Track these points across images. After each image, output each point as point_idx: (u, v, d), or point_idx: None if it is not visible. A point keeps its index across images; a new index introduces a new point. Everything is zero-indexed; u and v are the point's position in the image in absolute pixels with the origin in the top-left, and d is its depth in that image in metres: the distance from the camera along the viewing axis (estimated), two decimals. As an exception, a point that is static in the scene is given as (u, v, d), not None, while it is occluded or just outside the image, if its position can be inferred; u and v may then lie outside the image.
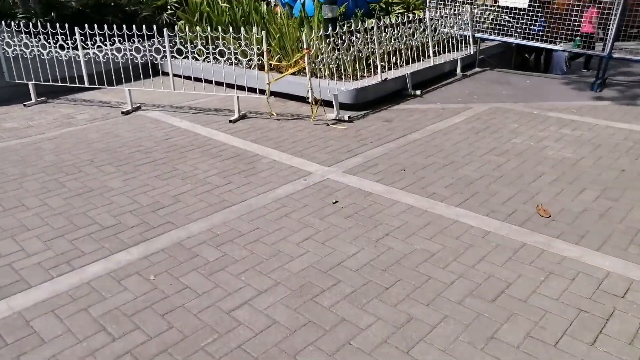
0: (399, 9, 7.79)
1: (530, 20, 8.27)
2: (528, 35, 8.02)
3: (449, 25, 7.58)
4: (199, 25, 8.21)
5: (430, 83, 7.46)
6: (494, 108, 6.24)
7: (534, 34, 8.02)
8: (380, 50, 6.39)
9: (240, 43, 5.97)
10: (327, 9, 6.82)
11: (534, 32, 8.10)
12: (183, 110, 6.49)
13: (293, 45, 7.10)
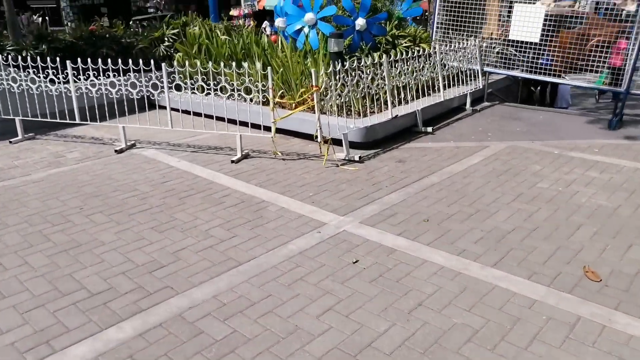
0: (405, 42, 7.53)
1: (536, 53, 8.05)
2: (535, 69, 7.78)
3: (458, 59, 7.31)
4: (198, 58, 7.89)
5: (440, 118, 7.14)
6: (511, 147, 5.90)
7: (541, 67, 7.79)
8: (390, 86, 6.07)
9: (243, 79, 5.61)
10: (333, 43, 6.52)
11: (541, 65, 7.87)
12: (181, 148, 6.08)
13: (297, 80, 6.78)
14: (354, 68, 5.58)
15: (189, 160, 5.60)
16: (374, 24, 7.35)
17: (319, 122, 5.31)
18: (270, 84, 5.44)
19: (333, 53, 6.56)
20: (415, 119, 6.55)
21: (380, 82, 5.98)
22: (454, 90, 7.32)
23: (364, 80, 5.70)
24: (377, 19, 7.38)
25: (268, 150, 5.91)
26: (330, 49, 6.55)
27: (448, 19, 8.27)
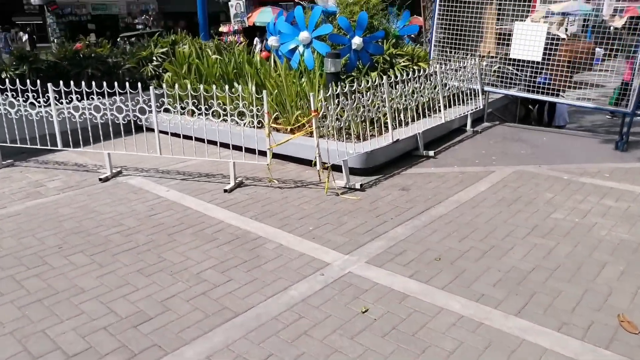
0: (403, 61, 7.28)
1: (534, 71, 7.86)
2: (533, 87, 7.58)
3: (458, 78, 7.07)
4: (187, 79, 7.58)
5: (441, 141, 6.87)
6: (518, 172, 5.63)
7: (539, 85, 7.59)
8: (391, 108, 5.79)
9: (236, 103, 5.30)
10: (330, 63, 6.25)
11: (539, 84, 7.68)
12: (170, 175, 5.73)
13: (292, 102, 6.48)
14: (353, 91, 5.29)
15: (179, 190, 5.24)
16: (371, 42, 7.10)
17: (318, 149, 4.99)
18: (265, 108, 5.13)
19: (330, 73, 6.28)
20: (416, 142, 6.27)
21: (380, 105, 5.70)
22: (453, 111, 7.07)
23: (364, 104, 5.41)
24: (374, 38, 7.13)
25: (263, 177, 5.58)
26: (327, 69, 6.27)
27: (445, 37, 8.06)
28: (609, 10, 14.33)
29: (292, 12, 7.65)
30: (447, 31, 7.97)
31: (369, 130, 5.89)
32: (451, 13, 7.77)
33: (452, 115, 6.95)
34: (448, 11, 7.82)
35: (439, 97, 6.64)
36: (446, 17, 7.85)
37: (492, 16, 8.49)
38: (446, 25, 7.90)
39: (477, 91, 7.52)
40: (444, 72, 6.70)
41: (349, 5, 7.37)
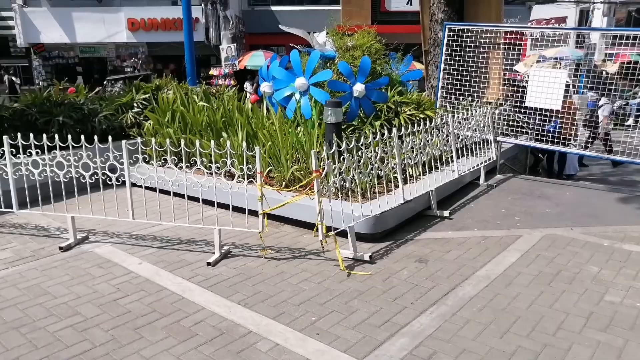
0: (409, 109, 6.65)
1: (543, 119, 7.28)
2: (542, 136, 6.98)
3: (471, 128, 6.43)
4: (171, 127, 6.86)
5: (454, 197, 6.15)
6: (549, 237, 4.89)
7: (548, 133, 6.99)
8: (402, 164, 5.07)
9: (225, 160, 4.57)
10: (330, 113, 5.56)
11: (548, 131, 7.08)
12: (145, 241, 4.90)
13: (287, 154, 5.75)
14: (359, 146, 4.57)
15: (154, 262, 4.40)
16: (374, 89, 6.47)
17: (321, 216, 4.20)
18: (257, 167, 4.38)
19: (330, 124, 5.59)
20: (428, 200, 5.53)
21: (389, 160, 4.99)
22: (465, 163, 6.37)
23: (373, 161, 4.69)
24: (377, 85, 6.51)
25: (254, 244, 4.76)
26: (327, 119, 5.58)
27: (451, 83, 7.49)
28: (601, 55, 13.88)
29: (286, 57, 7.06)
30: (453, 77, 7.41)
31: (376, 186, 5.15)
32: (458, 58, 7.23)
33: (465, 167, 6.26)
34: (455, 56, 7.29)
35: (452, 148, 5.95)
36: (452, 62, 7.30)
37: (497, 61, 7.99)
38: (452, 71, 7.34)
39: (488, 141, 6.87)
40: (456, 121, 6.04)
41: (349, 50, 6.79)
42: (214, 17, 21.70)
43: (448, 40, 7.17)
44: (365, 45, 6.81)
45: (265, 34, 24.29)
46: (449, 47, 7.21)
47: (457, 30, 7.16)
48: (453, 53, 7.25)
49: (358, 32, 7.06)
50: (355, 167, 4.50)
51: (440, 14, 8.20)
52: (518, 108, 7.37)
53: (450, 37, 7.18)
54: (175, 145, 6.88)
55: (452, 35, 7.18)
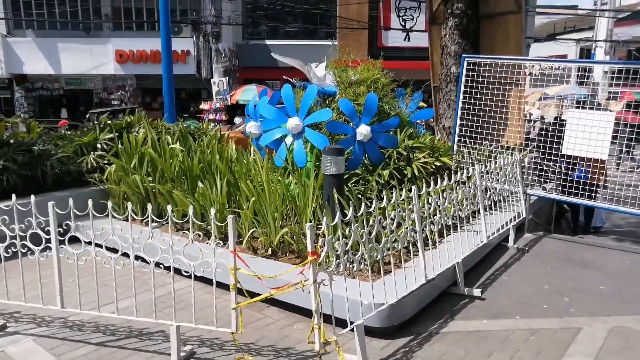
0: (423, 156, 5.56)
1: (569, 165, 6.24)
2: (569, 185, 5.92)
3: (500, 180, 5.33)
4: (137, 174, 5.71)
5: (480, 265, 5.00)
6: (617, 331, 3.72)
7: (574, 180, 5.93)
8: (423, 232, 3.92)
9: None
10: (330, 162, 4.45)
11: (573, 178, 6.03)
12: (82, 333, 3.67)
13: (276, 212, 4.61)
14: (370, 212, 3.43)
15: (86, 371, 3.17)
16: (382, 132, 5.40)
17: (316, 316, 3.00)
18: (231, 242, 3.22)
19: (330, 176, 4.47)
20: (453, 274, 4.36)
21: (406, 225, 3.84)
22: (489, 220, 5.24)
23: (388, 230, 3.54)
24: (386, 126, 5.45)
25: (228, 340, 3.54)
26: (327, 169, 4.46)
27: (467, 124, 6.46)
28: (604, 94, 12.64)
29: (278, 92, 6.01)
30: (471, 117, 6.38)
31: (392, 258, 3.98)
32: (475, 95, 6.21)
33: (492, 227, 5.12)
34: (471, 93, 6.27)
35: (479, 207, 4.83)
36: (469, 101, 6.28)
37: (519, 99, 6.99)
38: (469, 110, 6.31)
39: (517, 194, 5.77)
40: (483, 173, 4.94)
41: (352, 85, 5.75)
42: (205, 50, 20.93)
43: (466, 75, 6.16)
44: (371, 79, 5.78)
45: (260, 68, 23.56)
46: (467, 84, 6.20)
47: (476, 63, 6.16)
48: (470, 90, 6.23)
49: (362, 64, 6.04)
50: (366, 242, 3.34)
51: (454, 46, 7.24)
52: (543, 154, 6.34)
53: (469, 72, 6.18)
54: (142, 196, 5.75)
55: (469, 70, 6.18)
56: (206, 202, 5.03)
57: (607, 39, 22.41)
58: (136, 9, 21.38)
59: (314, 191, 4.69)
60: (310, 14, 24.39)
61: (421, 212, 3.91)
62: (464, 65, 6.16)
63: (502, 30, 7.36)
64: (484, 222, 4.80)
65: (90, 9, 21.15)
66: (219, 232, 4.96)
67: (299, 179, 4.81)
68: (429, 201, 4.00)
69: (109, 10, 21.31)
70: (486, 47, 7.48)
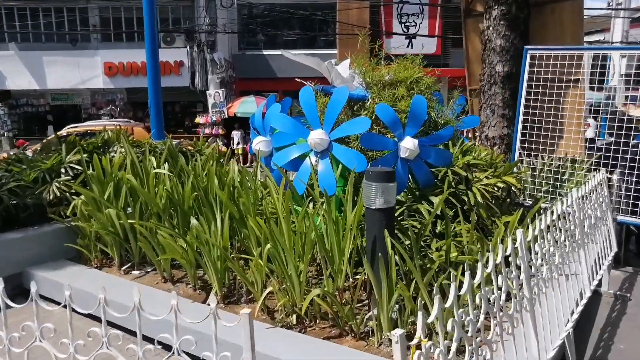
0: (485, 176, 4.25)
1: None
2: None
3: (592, 206, 4.02)
4: (113, 207, 4.39)
5: (577, 325, 3.67)
6: None
7: None
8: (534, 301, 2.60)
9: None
10: (376, 192, 3.13)
11: None
12: None
13: (299, 262, 3.29)
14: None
15: None
16: (432, 146, 4.11)
17: None
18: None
19: (375, 211, 3.15)
20: (559, 349, 3.03)
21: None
22: (588, 263, 3.92)
23: (496, 307, 2.21)
24: (437, 139, 4.16)
25: None
26: (372, 202, 3.15)
27: (527, 135, 5.18)
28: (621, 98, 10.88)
29: (288, 99, 4.74)
30: (532, 124, 5.10)
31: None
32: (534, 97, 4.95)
33: (592, 271, 3.78)
34: (533, 94, 5.01)
35: (575, 247, 3.51)
36: (534, 106, 5.01)
37: (579, 103, 5.73)
38: (532, 117, 5.03)
39: (607, 225, 4.46)
40: (582, 199, 3.63)
41: (386, 87, 4.45)
42: (200, 61, 19.70)
43: (530, 72, 4.88)
44: (411, 79, 4.49)
45: (257, 80, 22.36)
46: (530, 82, 4.92)
47: (539, 57, 4.90)
48: (536, 90, 4.97)
49: (397, 61, 4.76)
50: (473, 336, 2.01)
51: (500, 40, 5.99)
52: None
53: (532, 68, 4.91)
54: (119, 236, 4.43)
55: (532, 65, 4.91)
56: (203, 247, 3.71)
57: (623, 41, 21.30)
58: (126, 19, 20.19)
59: (351, 230, 3.38)
60: (309, 23, 23.26)
61: (529, 269, 2.59)
62: (527, 60, 4.89)
63: (555, 20, 6.12)
64: (586, 266, 3.48)
65: (77, 20, 19.96)
66: (220, 284, 3.65)
67: (328, 211, 3.49)
68: (535, 251, 2.69)
69: (96, 20, 20.10)
70: (535, 41, 6.24)
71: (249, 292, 3.69)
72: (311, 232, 3.24)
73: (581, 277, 3.40)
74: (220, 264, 3.69)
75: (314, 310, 3.30)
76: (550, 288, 2.78)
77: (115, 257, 4.47)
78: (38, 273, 4.33)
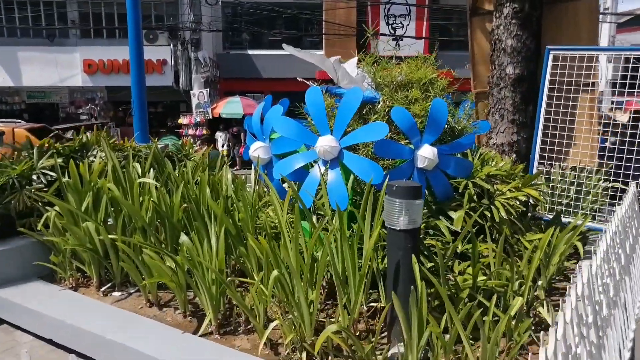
0: (509, 189, 3.86)
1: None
2: None
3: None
4: (91, 220, 3.88)
5: None
6: None
7: None
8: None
9: None
10: (400, 209, 2.71)
11: None
12: None
13: (311, 289, 2.85)
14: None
15: None
16: (451, 155, 3.70)
17: None
18: None
19: (399, 232, 2.72)
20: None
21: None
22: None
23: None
24: (457, 148, 3.76)
25: None
26: (394, 221, 2.72)
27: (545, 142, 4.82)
28: (608, 103, 10.73)
29: (285, 100, 4.28)
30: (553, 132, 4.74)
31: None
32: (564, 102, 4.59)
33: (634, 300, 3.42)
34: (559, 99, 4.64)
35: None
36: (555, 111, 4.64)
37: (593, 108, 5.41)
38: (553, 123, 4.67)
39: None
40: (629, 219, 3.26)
41: (399, 88, 4.03)
42: (184, 59, 19.10)
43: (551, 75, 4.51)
44: (425, 79, 4.08)
45: (241, 80, 21.83)
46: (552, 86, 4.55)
47: (562, 59, 4.54)
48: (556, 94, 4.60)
49: (407, 60, 4.35)
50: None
51: (511, 40, 5.62)
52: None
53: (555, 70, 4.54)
54: (98, 253, 3.92)
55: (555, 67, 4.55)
56: (196, 270, 3.23)
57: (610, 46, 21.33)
58: (106, 15, 19.47)
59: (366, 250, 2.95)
60: (295, 23, 22.81)
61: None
62: (549, 61, 4.52)
63: (569, 19, 5.78)
64: (631, 294, 3.11)
65: (54, 15, 19.15)
66: (216, 311, 3.19)
67: (342, 231, 3.04)
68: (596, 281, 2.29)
69: (75, 15, 19.33)
70: (547, 41, 5.89)
71: (247, 320, 3.23)
72: (326, 256, 2.79)
73: (628, 306, 3.02)
74: (216, 289, 3.22)
75: (326, 345, 2.86)
76: (609, 327, 2.39)
77: (94, 276, 3.96)
78: (3, 295, 3.80)
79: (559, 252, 3.44)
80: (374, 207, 3.13)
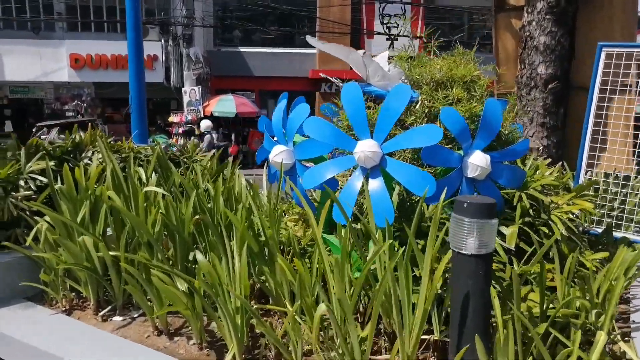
0: (565, 202, 3.42)
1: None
2: None
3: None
4: (88, 234, 3.37)
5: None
6: None
7: None
8: None
9: None
10: (470, 230, 2.25)
11: None
12: None
13: (368, 331, 2.38)
14: None
15: None
16: (504, 164, 3.26)
17: None
18: None
19: (472, 258, 2.27)
20: None
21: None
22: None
23: None
24: (510, 155, 3.32)
25: None
26: (462, 244, 2.26)
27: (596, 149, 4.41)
28: None
29: (301, 98, 3.78)
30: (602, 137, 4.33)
31: None
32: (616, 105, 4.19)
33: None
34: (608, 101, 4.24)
35: None
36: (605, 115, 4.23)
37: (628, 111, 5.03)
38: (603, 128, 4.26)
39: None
40: None
41: (440, 86, 3.58)
42: (175, 55, 18.49)
43: (604, 74, 4.10)
44: (469, 77, 3.63)
45: (232, 77, 21.27)
46: (603, 87, 4.15)
47: (617, 57, 4.13)
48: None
49: (445, 55, 3.91)
50: None
51: (544, 37, 5.22)
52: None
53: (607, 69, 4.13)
54: (97, 272, 3.41)
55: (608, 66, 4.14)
56: (217, 296, 2.74)
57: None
58: (95, 7, 18.76)
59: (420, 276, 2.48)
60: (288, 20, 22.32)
61: None
62: (601, 59, 4.10)
63: (603, 15, 5.40)
64: None
65: (40, 6, 18.39)
66: (241, 345, 2.71)
67: (389, 250, 2.57)
68: None
69: (62, 7, 18.59)
70: (579, 38, 5.52)
71: (278, 354, 2.75)
72: (387, 286, 2.32)
73: None
74: (241, 318, 2.73)
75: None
76: None
77: (91, 297, 3.45)
78: (-15, 322, 3.26)
79: (630, 274, 3.02)
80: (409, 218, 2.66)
